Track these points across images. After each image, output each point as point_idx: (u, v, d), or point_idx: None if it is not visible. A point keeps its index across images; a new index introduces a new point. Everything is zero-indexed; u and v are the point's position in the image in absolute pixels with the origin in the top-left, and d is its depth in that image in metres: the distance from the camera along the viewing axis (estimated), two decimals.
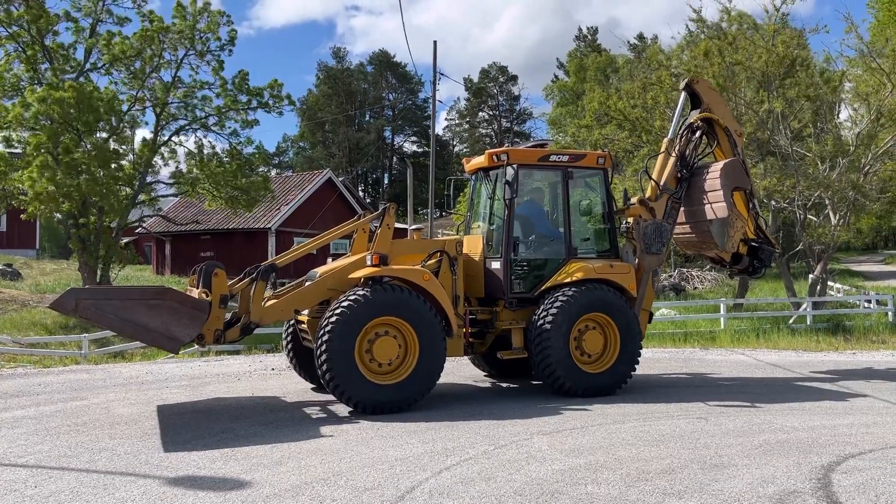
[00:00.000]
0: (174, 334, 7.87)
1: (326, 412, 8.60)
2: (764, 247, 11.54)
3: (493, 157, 9.96)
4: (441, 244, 9.61)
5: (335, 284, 8.95)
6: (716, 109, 11.58)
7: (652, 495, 5.36)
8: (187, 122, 21.99)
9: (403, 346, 8.64)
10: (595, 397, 9.37)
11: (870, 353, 14.66)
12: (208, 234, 33.98)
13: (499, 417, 8.19)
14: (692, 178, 11.11)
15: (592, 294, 9.56)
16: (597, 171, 10.44)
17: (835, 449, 6.63)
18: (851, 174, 19.72)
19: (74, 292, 7.82)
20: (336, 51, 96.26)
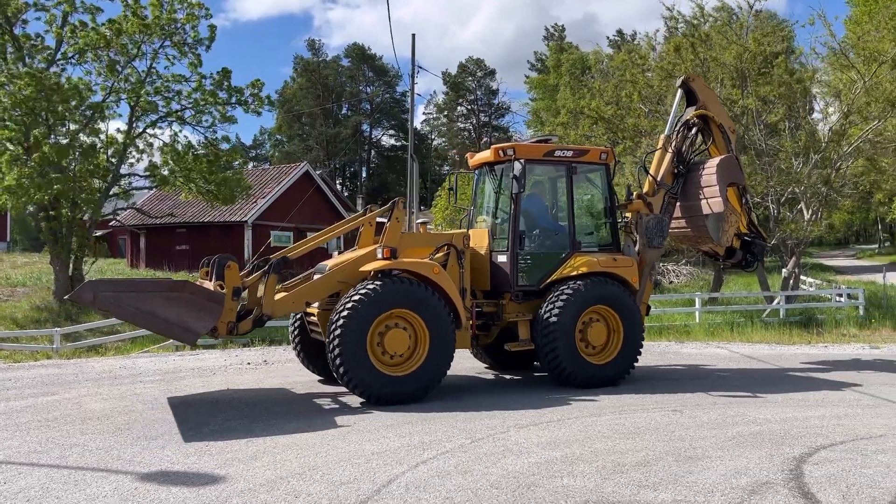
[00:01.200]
0: (191, 326, 7.94)
1: (303, 406, 8.54)
2: (756, 241, 11.81)
3: (500, 151, 10.06)
4: (449, 238, 9.74)
5: (345, 277, 9.04)
6: (711, 107, 11.78)
7: (627, 487, 5.39)
8: (163, 114, 21.68)
9: (414, 337, 8.77)
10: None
11: (841, 347, 14.89)
12: (184, 227, 33.59)
13: (476, 411, 8.19)
14: (688, 174, 11.31)
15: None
16: (599, 166, 10.59)
17: (806, 440, 6.72)
18: (823, 170, 19.99)
19: (93, 284, 7.87)
20: (311, 43, 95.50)
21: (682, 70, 19.70)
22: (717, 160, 11.19)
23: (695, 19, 21.37)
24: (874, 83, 19.15)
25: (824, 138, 20.17)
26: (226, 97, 21.63)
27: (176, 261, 33.03)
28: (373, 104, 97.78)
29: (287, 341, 15.37)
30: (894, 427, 7.32)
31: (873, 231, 68.78)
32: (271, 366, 12.17)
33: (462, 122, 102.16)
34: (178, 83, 21.38)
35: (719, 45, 20.09)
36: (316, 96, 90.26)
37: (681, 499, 5.14)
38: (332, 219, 36.88)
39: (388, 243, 9.13)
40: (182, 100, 21.52)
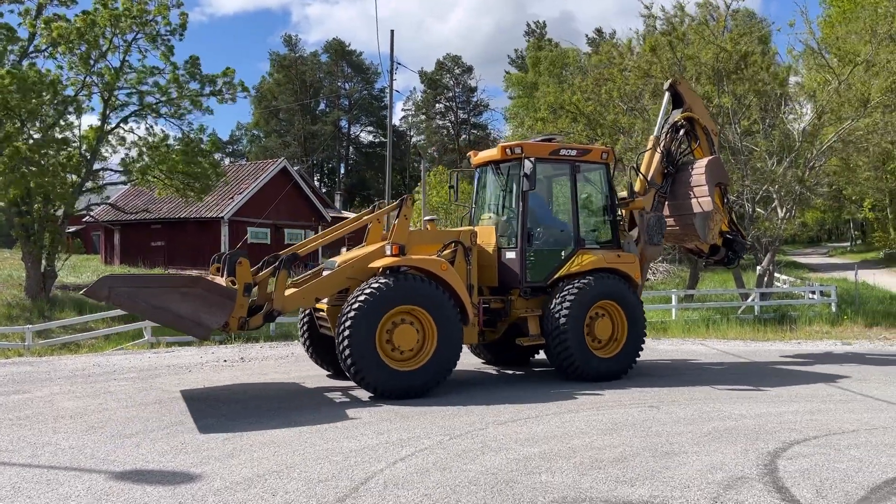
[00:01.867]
0: (203, 321, 8.04)
1: (281, 403, 8.48)
2: (737, 239, 12.19)
3: (507, 150, 10.25)
4: (456, 235, 9.85)
5: (355, 273, 9.17)
6: (696, 109, 12.14)
7: (605, 483, 5.42)
8: (137, 108, 21.39)
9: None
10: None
11: (814, 343, 15.10)
12: (159, 223, 33.23)
13: (454, 408, 8.19)
14: (676, 174, 11.63)
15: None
16: (600, 165, 10.78)
17: (781, 436, 6.80)
18: (797, 169, 20.26)
19: (108, 280, 7.89)
20: (288, 39, 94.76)
21: (659, 69, 19.89)
22: (706, 161, 11.49)
23: (674, 17, 21.52)
24: (847, 84, 19.43)
25: (798, 138, 20.44)
26: (198, 87, 21.37)
27: (151, 257, 32.69)
28: (351, 100, 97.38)
29: (264, 338, 15.28)
30: (866, 422, 7.44)
31: (845, 229, 69.85)
32: (248, 363, 12.08)
33: (440, 120, 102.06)
34: (152, 76, 21.12)
35: (696, 43, 20.26)
36: (293, 92, 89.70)
37: (657, 494, 5.17)
38: (309, 215, 36.76)
39: (396, 240, 9.22)
40: (156, 92, 21.25)
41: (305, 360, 12.34)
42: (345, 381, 9.87)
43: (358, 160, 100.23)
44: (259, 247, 33.41)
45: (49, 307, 18.95)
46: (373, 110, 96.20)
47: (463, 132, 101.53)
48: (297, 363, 11.97)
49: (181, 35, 21.32)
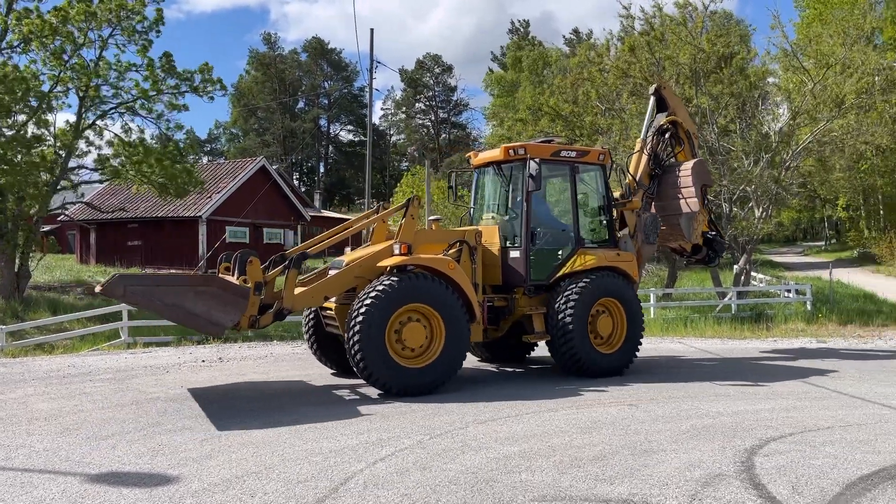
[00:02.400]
0: (217, 319, 8.12)
1: (260, 404, 8.42)
2: (717, 239, 12.62)
3: (510, 151, 10.46)
4: (461, 234, 9.99)
5: (363, 272, 9.27)
6: (679, 113, 12.58)
7: (584, 481, 5.44)
8: (113, 105, 21.13)
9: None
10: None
11: (790, 341, 15.28)
12: (136, 222, 32.89)
13: (434, 407, 8.18)
14: (662, 176, 12.01)
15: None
16: (597, 166, 11.04)
17: (757, 433, 6.87)
18: (773, 169, 20.49)
19: (123, 279, 7.90)
20: (267, 37, 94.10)
21: (637, 69, 20.03)
22: (692, 163, 11.89)
23: (653, 17, 21.68)
24: (823, 85, 19.70)
25: (774, 138, 20.68)
26: (174, 83, 21.14)
27: (128, 256, 32.35)
28: (330, 99, 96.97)
29: (242, 339, 15.16)
30: (841, 419, 7.54)
31: (820, 229, 70.81)
32: (226, 363, 11.98)
33: (420, 119, 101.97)
34: (128, 71, 20.85)
35: (674, 44, 20.42)
36: (272, 90, 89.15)
37: (636, 492, 5.20)
38: (288, 215, 36.58)
39: (403, 239, 9.32)
40: (132, 89, 21.00)
41: (284, 360, 12.28)
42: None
43: (337, 159, 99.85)
44: (237, 246, 33.19)
45: (23, 307, 18.67)
46: (352, 109, 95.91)
47: (443, 131, 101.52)
48: (275, 363, 11.90)
49: (158, 31, 21.08)
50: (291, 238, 36.52)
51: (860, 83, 19.42)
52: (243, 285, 8.52)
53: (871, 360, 12.22)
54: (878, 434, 6.85)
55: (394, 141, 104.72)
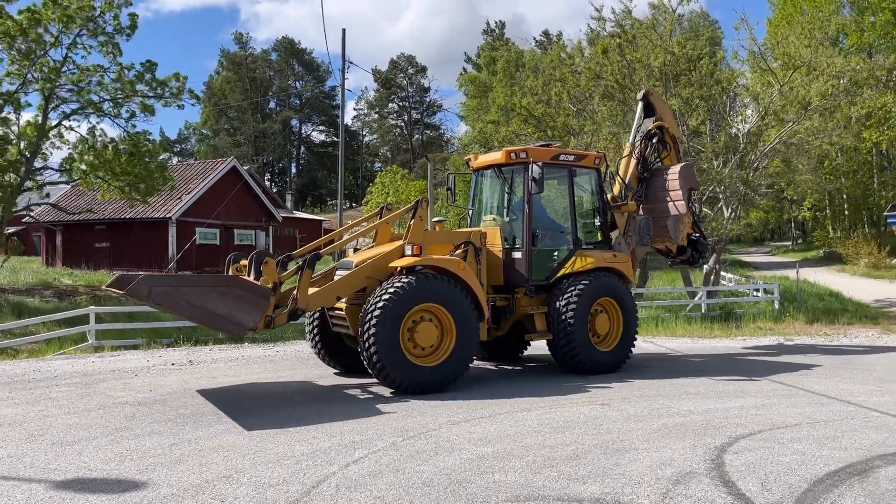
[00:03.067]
0: (240, 320, 8.18)
1: (232, 407, 8.31)
2: (700, 240, 13.07)
3: (511, 154, 10.69)
4: (467, 235, 10.13)
5: (374, 273, 9.40)
6: (665, 118, 13.05)
7: (557, 481, 5.45)
8: (79, 105, 20.76)
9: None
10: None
11: (758, 339, 15.51)
12: (103, 223, 32.37)
13: (408, 409, 8.16)
14: (650, 179, 12.40)
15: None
16: (593, 170, 11.37)
17: (727, 431, 6.95)
18: (742, 170, 20.79)
19: (148, 279, 7.89)
20: (238, 36, 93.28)
21: (609, 72, 20.20)
22: (679, 167, 12.31)
23: (624, 20, 21.89)
24: (789, 87, 20.03)
25: (743, 139, 20.98)
26: (148, 90, 20.88)
27: (95, 259, 31.83)
28: (302, 99, 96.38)
29: (214, 341, 14.98)
30: (808, 416, 7.66)
31: (787, 229, 72.00)
32: (197, 366, 11.82)
33: (393, 119, 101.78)
34: (96, 73, 20.52)
35: (644, 47, 20.62)
36: (243, 90, 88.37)
37: (609, 491, 5.23)
38: (260, 215, 36.25)
39: (413, 240, 9.51)
40: (101, 91, 20.67)
41: (256, 362, 12.16)
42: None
43: (309, 160, 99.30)
44: (208, 248, 32.82)
45: None
46: (324, 109, 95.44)
47: (416, 132, 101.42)
48: (246, 366, 11.78)
49: (129, 35, 20.78)
50: (263, 239, 36.20)
51: (825, 85, 19.79)
52: (264, 286, 8.64)
53: (837, 357, 12.44)
54: (843, 431, 6.96)
55: (367, 141, 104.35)
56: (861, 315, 19.23)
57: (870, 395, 8.89)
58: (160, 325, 15.19)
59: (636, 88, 20.61)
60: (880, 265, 36.25)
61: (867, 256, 37.31)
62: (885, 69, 28.29)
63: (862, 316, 19.14)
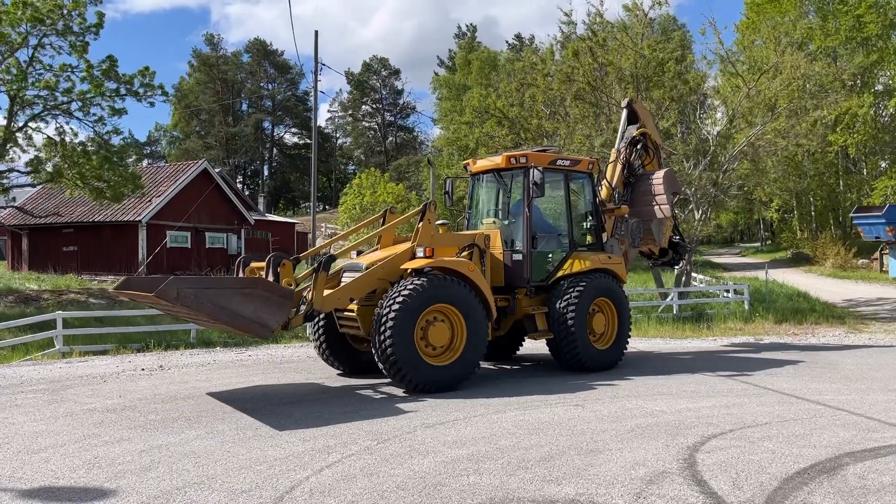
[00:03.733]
0: (265, 321, 8.21)
1: (204, 412, 8.20)
2: (681, 242, 13.67)
3: (511, 159, 11.04)
4: (472, 238, 10.43)
5: (385, 275, 9.58)
6: (648, 125, 13.59)
7: (532, 483, 5.46)
8: (47, 107, 20.38)
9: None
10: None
11: (729, 339, 15.71)
12: (71, 227, 31.81)
13: (382, 412, 8.12)
14: (636, 184, 12.83)
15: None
16: (586, 174, 11.73)
17: (699, 430, 7.02)
18: (712, 172, 21.06)
19: (176, 281, 7.89)
20: (210, 37, 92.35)
21: (581, 74, 20.35)
22: (663, 172, 12.76)
23: (594, 24, 22.07)
24: (757, 90, 20.34)
25: (712, 142, 21.24)
26: (115, 87, 20.55)
27: (63, 262, 31.27)
28: (274, 101, 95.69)
29: (185, 346, 14.79)
30: (777, 414, 7.77)
31: (756, 230, 73.10)
32: (168, 371, 11.66)
33: (367, 122, 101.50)
34: (64, 72, 20.17)
35: (615, 50, 20.80)
36: (215, 92, 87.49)
37: (583, 492, 5.25)
38: (232, 218, 35.88)
39: (422, 243, 9.76)
40: (70, 91, 20.31)
41: (228, 367, 12.03)
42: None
43: (282, 162, 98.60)
44: (179, 251, 32.42)
45: None
46: (297, 112, 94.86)
47: (390, 134, 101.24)
48: (218, 371, 11.64)
49: (96, 34, 20.46)
50: (235, 242, 35.83)
51: (791, 87, 20.12)
52: (287, 287, 8.74)
53: (805, 357, 12.64)
54: (812, 429, 7.07)
55: (340, 144, 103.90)
56: (828, 315, 19.57)
57: (837, 393, 9.04)
58: (130, 329, 14.97)
59: (608, 91, 20.82)
60: (846, 266, 36.98)
61: (834, 257, 38.04)
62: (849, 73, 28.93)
63: (829, 316, 19.48)
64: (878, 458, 6.01)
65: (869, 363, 11.80)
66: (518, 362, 12.42)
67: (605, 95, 20.60)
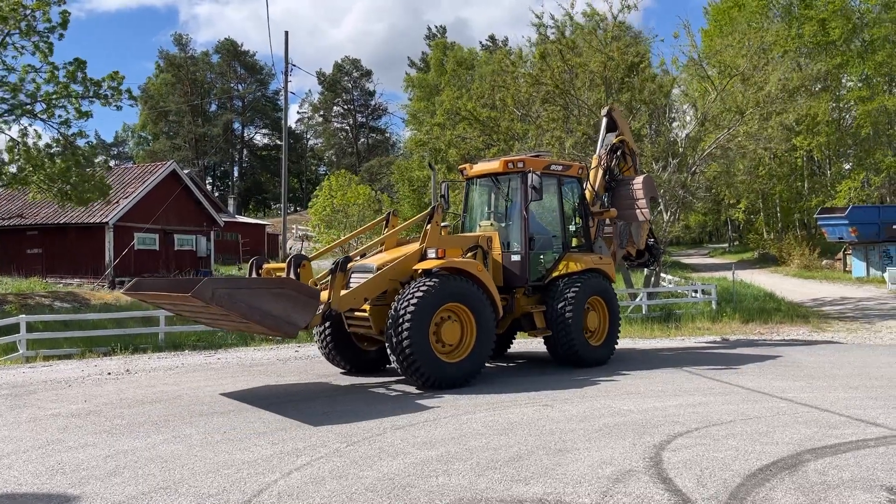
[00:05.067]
0: (294, 319, 8.38)
1: (170, 416, 8.10)
2: (655, 245, 14.48)
3: (509, 164, 11.42)
4: (475, 240, 10.86)
5: (396, 275, 9.86)
6: (626, 133, 14.23)
7: (500, 483, 5.50)
8: (8, 108, 19.98)
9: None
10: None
11: (696, 339, 15.93)
12: (35, 228, 31.23)
13: (352, 414, 8.10)
14: (616, 189, 13.37)
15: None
16: (576, 179, 12.26)
17: (665, 429, 7.12)
18: (681, 174, 21.35)
19: (211, 282, 8.04)
20: (178, 38, 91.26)
21: (549, 76, 20.51)
22: (642, 178, 13.33)
23: (563, 26, 22.25)
24: (727, 94, 20.67)
25: (682, 144, 21.53)
26: (81, 90, 20.21)
27: (27, 265, 30.68)
28: (244, 102, 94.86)
29: (153, 349, 14.61)
30: (742, 412, 7.90)
31: (724, 231, 74.16)
32: (135, 375, 11.50)
33: (338, 122, 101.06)
34: (27, 74, 19.79)
35: (586, 51, 20.98)
36: (183, 93, 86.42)
37: (551, 491, 5.29)
38: (201, 220, 35.49)
39: (430, 245, 10.08)
40: (32, 93, 19.92)
41: (197, 370, 11.91)
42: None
43: (252, 163, 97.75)
44: (147, 253, 31.98)
45: None
46: (267, 112, 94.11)
47: (361, 136, 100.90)
48: (186, 374, 11.51)
49: (61, 34, 20.10)
50: (204, 244, 35.43)
51: (759, 94, 20.47)
52: (314, 287, 8.93)
53: (770, 355, 12.87)
54: (775, 426, 7.21)
55: (311, 145, 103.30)
56: (793, 314, 19.94)
57: (800, 391, 9.22)
58: (97, 333, 14.74)
59: (577, 94, 21.00)
60: (811, 266, 37.71)
61: (799, 258, 38.77)
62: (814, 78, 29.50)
63: (794, 315, 19.84)
64: (839, 455, 6.14)
65: (831, 361, 12.06)
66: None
67: (574, 98, 20.77)
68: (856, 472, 5.66)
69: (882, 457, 6.06)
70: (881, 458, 6.01)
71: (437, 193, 29.83)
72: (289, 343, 15.40)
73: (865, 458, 6.05)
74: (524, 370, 11.58)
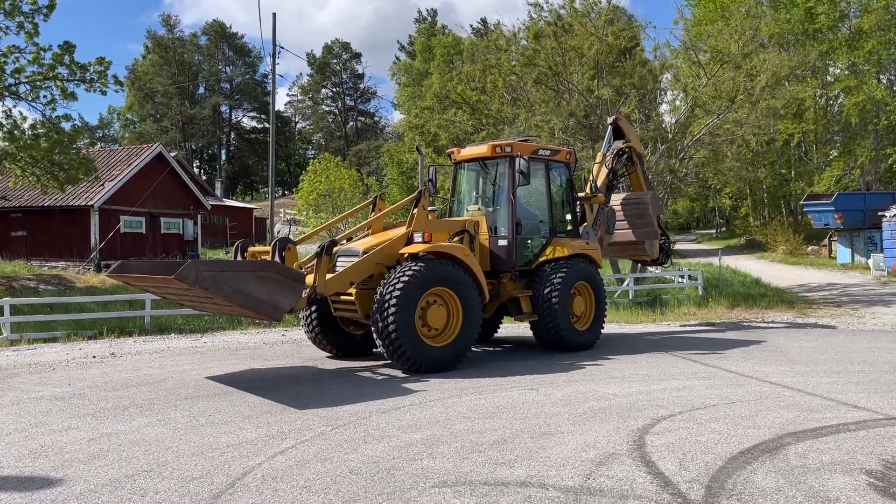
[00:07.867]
0: (278, 303, 8.39)
1: (155, 399, 8.08)
2: (666, 244, 15.10)
3: (497, 148, 11.47)
4: (462, 224, 10.81)
5: (382, 259, 9.81)
6: (633, 140, 14.70)
7: (485, 466, 5.52)
8: None
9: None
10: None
11: (682, 324, 16.02)
12: (19, 211, 30.89)
13: (338, 397, 8.11)
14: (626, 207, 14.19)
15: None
16: (564, 164, 12.24)
17: (649, 413, 7.17)
18: (670, 159, 21.37)
19: (195, 265, 7.98)
20: (166, 18, 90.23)
21: (543, 57, 20.45)
22: (650, 196, 14.30)
23: (560, 8, 22.18)
24: (718, 80, 20.66)
25: (671, 129, 21.54)
26: (67, 73, 19.93)
27: (11, 248, 30.38)
28: (232, 84, 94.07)
29: (139, 332, 14.54)
30: (725, 396, 7.97)
31: (711, 217, 74.50)
32: (120, 358, 11.45)
33: (327, 105, 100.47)
34: (11, 55, 19.48)
35: (580, 34, 20.90)
36: (171, 74, 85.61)
37: (534, 474, 5.32)
38: (188, 203, 35.25)
39: (417, 228, 10.03)
40: (17, 74, 19.62)
41: (183, 353, 11.87)
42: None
43: (240, 146, 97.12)
44: (133, 236, 31.77)
45: None
46: (255, 95, 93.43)
47: (350, 119, 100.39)
48: (172, 357, 11.48)
49: (46, 15, 19.77)
50: (191, 228, 35.21)
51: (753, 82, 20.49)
52: (299, 270, 8.89)
53: (755, 340, 12.97)
54: (758, 410, 7.28)
55: (299, 128, 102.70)
56: (778, 299, 20.07)
57: (783, 375, 9.30)
58: (82, 316, 14.64)
59: (569, 76, 20.94)
60: (797, 252, 37.94)
61: (785, 244, 38.99)
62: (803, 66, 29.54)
63: (779, 300, 19.97)
64: (819, 438, 6.21)
65: (814, 346, 12.16)
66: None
67: (566, 81, 20.71)
68: (836, 455, 5.72)
69: (862, 440, 6.13)
70: (861, 442, 6.08)
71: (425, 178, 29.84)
72: (276, 327, 15.37)
73: (846, 441, 6.11)
74: (510, 354, 11.61)
